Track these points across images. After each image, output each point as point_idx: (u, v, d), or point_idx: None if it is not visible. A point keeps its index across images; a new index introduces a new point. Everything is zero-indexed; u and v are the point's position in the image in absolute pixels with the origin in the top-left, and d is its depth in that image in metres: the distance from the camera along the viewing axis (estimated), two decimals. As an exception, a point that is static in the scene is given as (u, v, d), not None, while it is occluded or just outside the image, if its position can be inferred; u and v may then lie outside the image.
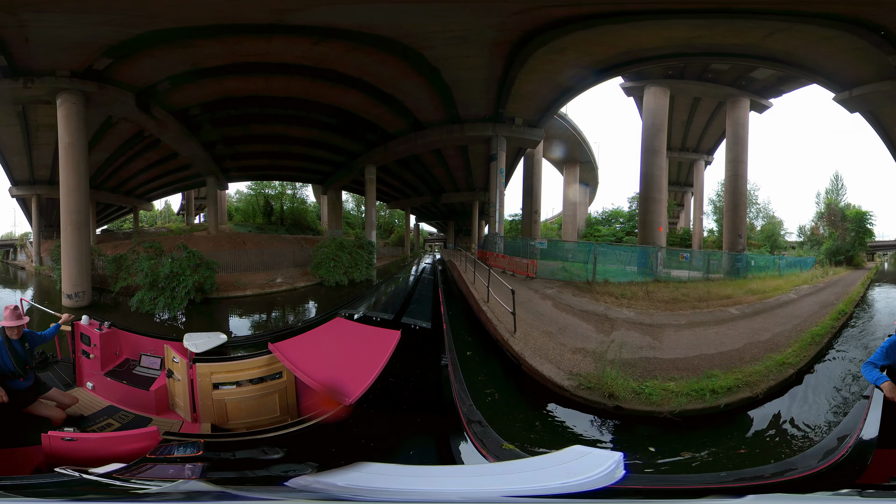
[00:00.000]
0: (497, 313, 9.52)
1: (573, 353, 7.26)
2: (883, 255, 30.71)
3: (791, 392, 5.98)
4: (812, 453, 3.23)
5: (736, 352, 6.99)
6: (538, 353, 7.16)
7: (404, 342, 4.93)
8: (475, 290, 12.27)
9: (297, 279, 19.33)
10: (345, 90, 17.36)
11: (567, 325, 9.19)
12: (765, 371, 6.12)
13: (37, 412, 4.12)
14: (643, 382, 5.80)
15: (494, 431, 3.95)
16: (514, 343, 7.67)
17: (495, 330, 8.60)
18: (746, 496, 2.60)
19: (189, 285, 11.93)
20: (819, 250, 25.02)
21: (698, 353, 6.93)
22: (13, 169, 23.41)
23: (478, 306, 10.61)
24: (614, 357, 6.77)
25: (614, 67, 16.58)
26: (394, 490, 2.57)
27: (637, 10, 11.77)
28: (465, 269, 16.62)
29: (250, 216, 38.89)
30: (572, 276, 15.52)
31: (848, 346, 8.32)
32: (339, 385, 3.97)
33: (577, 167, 37.65)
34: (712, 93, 22.93)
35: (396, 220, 48.68)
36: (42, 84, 13.63)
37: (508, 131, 20.30)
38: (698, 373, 6.11)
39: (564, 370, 6.49)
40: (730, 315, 9.97)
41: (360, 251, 21.22)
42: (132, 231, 33.95)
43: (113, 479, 2.73)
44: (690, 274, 17.81)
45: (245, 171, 29.36)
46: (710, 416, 5.31)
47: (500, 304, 9.88)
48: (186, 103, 17.92)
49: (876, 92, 14.09)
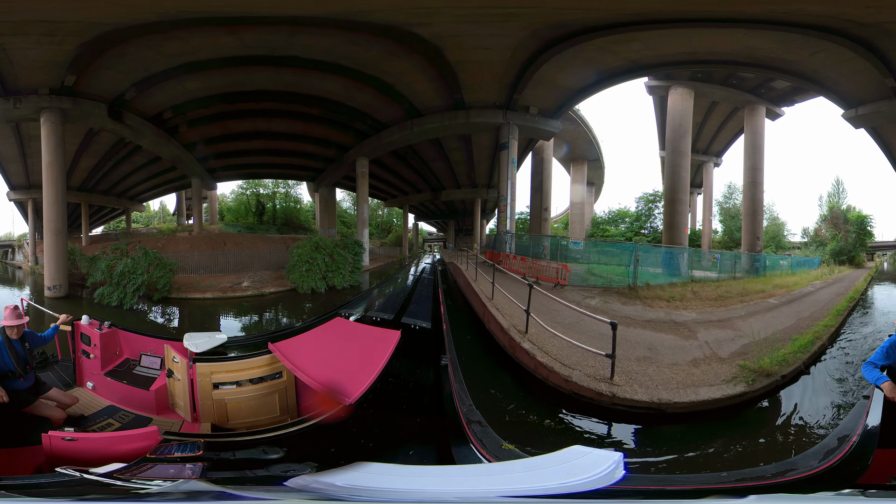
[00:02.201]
0: (553, 351, 6.59)
1: (692, 367, 6.46)
2: (882, 255, 31.67)
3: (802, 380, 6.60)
4: (813, 453, 3.22)
5: (794, 325, 9.03)
6: (668, 387, 5.64)
7: (404, 342, 4.93)
8: (500, 313, 8.60)
9: (268, 284, 17.26)
10: (321, 75, 16.10)
11: (652, 343, 7.68)
12: (819, 330, 8.51)
13: (37, 412, 4.12)
14: (771, 355, 6.48)
15: (494, 431, 3.95)
16: (625, 391, 5.39)
17: (563, 381, 5.79)
18: (748, 496, 2.60)
19: (138, 283, 13.37)
20: (824, 251, 26.40)
21: (773, 330, 8.34)
22: (10, 175, 24.96)
23: (510, 341, 7.29)
24: (749, 342, 7.49)
25: (655, 67, 16.64)
26: (394, 490, 2.57)
27: (721, 17, 11.86)
28: (474, 277, 13.16)
29: (242, 216, 38.46)
30: (610, 282, 13.68)
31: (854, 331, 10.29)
32: (339, 385, 3.97)
33: (584, 165, 37.05)
34: (733, 98, 23.54)
35: (395, 220, 47.85)
36: (28, 103, 15.25)
37: (521, 120, 18.47)
38: (785, 343, 7.37)
39: (716, 381, 5.87)
40: (772, 304, 11.96)
41: (344, 252, 18.54)
42: (124, 232, 34.42)
43: (113, 479, 2.73)
44: (719, 274, 17.66)
45: (232, 170, 28.84)
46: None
47: (551, 334, 6.97)
48: (158, 108, 18.24)
49: (876, 112, 15.54)
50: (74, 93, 15.49)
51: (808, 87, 17.47)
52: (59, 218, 15.47)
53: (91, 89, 15.63)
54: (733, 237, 32.18)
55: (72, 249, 16.38)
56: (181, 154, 22.65)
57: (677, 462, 4.39)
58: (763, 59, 14.66)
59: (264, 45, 13.85)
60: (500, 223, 20.19)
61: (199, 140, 22.33)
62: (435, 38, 13.04)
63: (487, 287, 10.70)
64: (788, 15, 11.43)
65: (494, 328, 8.38)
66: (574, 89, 17.57)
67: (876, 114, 15.70)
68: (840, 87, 15.69)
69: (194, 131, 21.09)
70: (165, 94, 17.07)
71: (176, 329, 12.24)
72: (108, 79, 15.20)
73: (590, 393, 5.52)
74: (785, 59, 14.39)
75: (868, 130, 17.21)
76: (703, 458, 4.45)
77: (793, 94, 21.98)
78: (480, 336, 8.92)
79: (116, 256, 14.45)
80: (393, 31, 12.77)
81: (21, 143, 20.48)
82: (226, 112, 19.39)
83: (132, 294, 13.24)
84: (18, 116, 15.91)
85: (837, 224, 27.63)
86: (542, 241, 19.88)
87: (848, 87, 15.39)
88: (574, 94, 18.03)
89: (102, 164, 24.33)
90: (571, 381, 5.73)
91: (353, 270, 18.73)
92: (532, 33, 12.92)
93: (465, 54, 14.10)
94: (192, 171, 25.59)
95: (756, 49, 14.01)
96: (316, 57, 14.83)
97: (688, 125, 22.48)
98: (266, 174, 34.20)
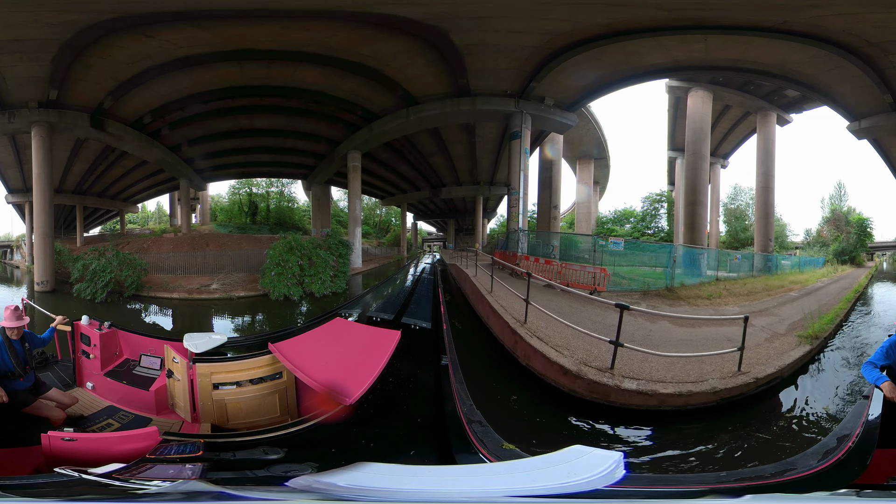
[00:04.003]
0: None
1: (771, 342, 7.47)
2: (882, 255, 32.64)
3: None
4: (811, 453, 3.22)
5: (817, 310, 9.91)
6: (775, 359, 6.45)
7: (404, 342, 4.93)
8: (549, 347, 6.36)
9: (239, 287, 16.21)
10: (293, 65, 15.13)
11: (728, 336, 7.55)
12: (837, 311, 10.36)
13: (37, 412, 4.11)
14: (812, 327, 8.08)
15: (494, 431, 3.95)
16: (761, 370, 5.87)
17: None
18: (745, 496, 2.60)
19: (106, 280, 14.61)
20: (828, 251, 27.92)
21: (804, 314, 9.62)
22: (8, 180, 26.10)
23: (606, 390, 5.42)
24: (792, 322, 9.14)
25: (698, 69, 16.96)
26: (394, 490, 2.57)
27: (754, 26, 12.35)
28: (488, 288, 10.23)
29: (235, 216, 38.05)
30: (648, 285, 13.42)
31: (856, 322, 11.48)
32: (339, 385, 3.97)
33: (591, 163, 35.88)
34: (748, 104, 24.02)
35: (394, 219, 47.07)
36: (21, 117, 16.50)
37: (535, 110, 17.00)
38: (816, 319, 8.78)
39: (791, 347, 7.14)
40: (794, 296, 13.45)
41: (325, 254, 16.39)
42: (118, 233, 34.81)
43: (112, 480, 2.73)
44: (738, 273, 18.42)
45: (221, 169, 28.35)
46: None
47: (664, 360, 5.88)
48: (137, 113, 18.55)
49: (877, 125, 16.66)
50: (59, 105, 16.42)
51: (818, 98, 18.26)
52: (46, 223, 17.23)
53: (73, 101, 16.45)
54: (738, 237, 32.53)
55: (60, 250, 17.59)
56: (166, 156, 22.90)
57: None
58: (791, 71, 15.43)
59: (215, 41, 13.42)
60: (510, 220, 18.23)
61: (183, 142, 22.36)
62: (434, 19, 11.78)
63: (513, 304, 8.50)
64: (821, 30, 12.26)
65: (553, 374, 6.01)
66: (600, 83, 16.35)
67: (876, 127, 16.78)
68: (847, 100, 16.61)
69: (176, 133, 21.15)
70: (140, 100, 17.45)
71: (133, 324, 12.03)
72: (84, 90, 15.91)
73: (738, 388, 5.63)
74: (807, 73, 15.35)
75: (870, 141, 18.25)
76: (707, 457, 4.46)
77: (802, 102, 22.68)
78: (519, 381, 6.45)
79: (94, 257, 15.57)
80: (365, 16, 11.70)
81: (17, 151, 21.39)
82: (204, 112, 19.24)
83: (101, 290, 14.48)
84: (13, 130, 17.10)
85: (839, 226, 28.79)
86: (552, 239, 17.98)
87: (853, 100, 16.31)
88: (598, 88, 16.84)
89: (94, 169, 25.06)
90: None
91: (337, 275, 16.68)
92: (575, 25, 12.31)
93: (479, 36, 12.63)
94: (179, 173, 25.73)
95: (789, 62, 14.78)
96: (268, 47, 13.92)
97: (708, 128, 22.90)
98: (256, 173, 33.33)
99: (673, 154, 31.57)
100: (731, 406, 5.41)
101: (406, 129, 19.06)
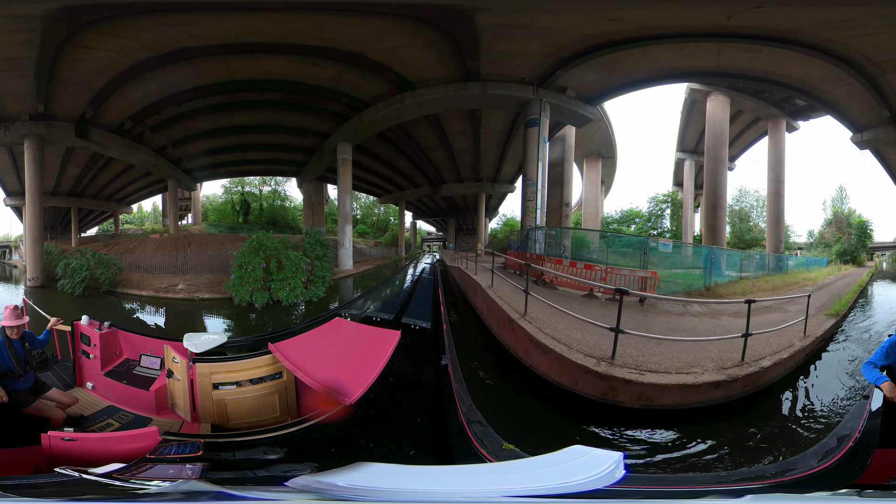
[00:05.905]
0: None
1: (810, 321, 8.61)
2: (881, 255, 33.56)
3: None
4: (812, 453, 3.22)
5: (831, 300, 12.08)
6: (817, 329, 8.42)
7: (404, 342, 4.93)
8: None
9: (205, 289, 15.71)
10: (250, 58, 14.43)
11: (778, 321, 8.47)
12: (847, 299, 12.28)
13: (37, 412, 4.11)
14: (833, 308, 10.42)
15: (494, 431, 3.95)
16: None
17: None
18: (745, 496, 2.60)
19: (81, 276, 15.84)
20: (831, 251, 29.28)
21: (822, 304, 11.34)
22: (6, 184, 27.05)
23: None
24: (816, 307, 10.32)
25: (729, 76, 17.21)
26: (394, 490, 2.57)
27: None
28: (521, 310, 7.25)
29: (227, 215, 37.55)
30: (690, 286, 13.62)
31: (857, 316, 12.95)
32: (339, 385, 3.97)
33: (599, 162, 34.84)
34: (761, 110, 24.71)
35: (392, 218, 46.10)
36: (14, 130, 17.58)
37: (555, 99, 15.60)
38: (834, 304, 10.95)
39: (824, 321, 9.36)
40: (809, 290, 14.74)
41: (296, 256, 14.49)
42: (112, 234, 35.23)
43: (113, 479, 2.73)
44: (756, 272, 19.34)
45: (209, 169, 28.01)
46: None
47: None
48: (118, 120, 19.04)
49: (877, 137, 17.71)
50: (47, 118, 17.35)
51: (827, 110, 19.23)
52: (37, 227, 18.91)
53: (58, 113, 17.39)
54: (743, 238, 32.91)
55: (49, 250, 19.09)
56: (151, 159, 23.37)
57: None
58: (809, 85, 16.30)
59: (151, 42, 13.22)
60: (525, 215, 16.44)
61: (167, 143, 22.59)
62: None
63: (571, 334, 6.08)
64: (845, 49, 13.01)
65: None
66: (633, 79, 15.39)
67: (877, 139, 17.94)
68: (851, 114, 17.62)
69: (159, 135, 21.38)
70: (117, 107, 17.96)
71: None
72: (66, 102, 16.75)
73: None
74: (822, 87, 16.25)
75: (871, 151, 19.32)
76: (706, 457, 4.46)
77: (809, 111, 23.55)
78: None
79: (76, 256, 16.92)
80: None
81: (14, 158, 22.38)
82: (179, 114, 19.31)
83: (78, 285, 15.82)
84: (8, 142, 18.42)
85: (841, 227, 30.04)
86: (564, 239, 16.01)
87: (857, 113, 17.37)
88: (628, 83, 15.76)
89: (86, 173, 25.74)
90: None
91: (314, 280, 14.63)
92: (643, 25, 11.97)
93: (515, 18, 11.47)
94: (166, 174, 26.07)
95: (811, 77, 15.58)
96: (214, 42, 13.25)
97: (726, 133, 23.47)
98: (246, 171, 32.27)
99: (682, 155, 31.66)
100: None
101: (401, 115, 17.34)
